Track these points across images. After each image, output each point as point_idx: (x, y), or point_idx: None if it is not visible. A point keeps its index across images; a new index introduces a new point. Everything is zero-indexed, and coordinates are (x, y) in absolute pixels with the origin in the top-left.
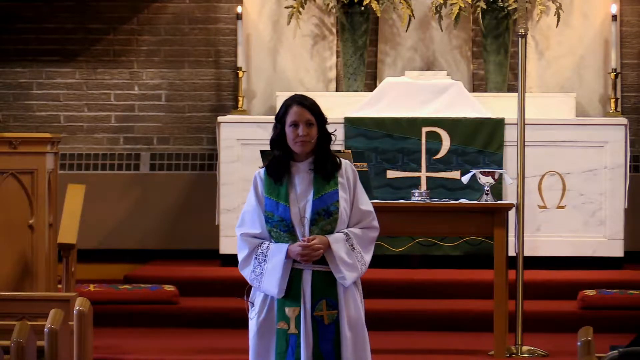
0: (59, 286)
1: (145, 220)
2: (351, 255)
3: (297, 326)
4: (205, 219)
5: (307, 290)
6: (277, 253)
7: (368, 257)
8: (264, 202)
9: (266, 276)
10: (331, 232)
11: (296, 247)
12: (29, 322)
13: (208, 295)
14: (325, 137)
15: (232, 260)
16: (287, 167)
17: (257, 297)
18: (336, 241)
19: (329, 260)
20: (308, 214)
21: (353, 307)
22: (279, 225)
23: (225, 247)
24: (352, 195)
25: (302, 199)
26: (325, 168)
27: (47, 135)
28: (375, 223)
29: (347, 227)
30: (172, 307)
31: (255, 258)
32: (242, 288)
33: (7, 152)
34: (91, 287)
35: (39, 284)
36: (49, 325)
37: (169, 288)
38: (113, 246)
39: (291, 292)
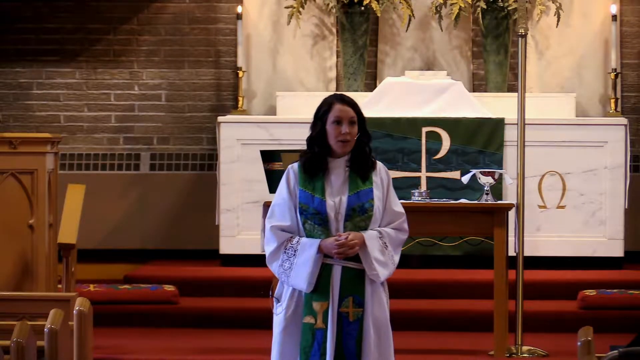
0: (59, 286)
1: (145, 220)
2: (384, 253)
3: (325, 321)
4: (205, 219)
5: (336, 285)
6: (308, 248)
7: (397, 258)
8: (298, 194)
9: (295, 270)
10: (365, 229)
11: (331, 243)
12: (29, 322)
13: (208, 295)
14: (365, 136)
15: (232, 260)
16: (325, 164)
17: (284, 293)
18: (370, 238)
19: (362, 257)
20: (343, 210)
21: (379, 307)
22: (314, 218)
23: (225, 247)
24: (386, 195)
25: (337, 194)
26: (361, 167)
27: (47, 135)
28: (406, 225)
29: (379, 226)
30: (172, 307)
31: (285, 252)
32: (242, 288)
33: (7, 152)
34: (91, 287)
35: (39, 284)
36: (49, 325)
37: (169, 288)
38: (113, 246)
39: (320, 287)
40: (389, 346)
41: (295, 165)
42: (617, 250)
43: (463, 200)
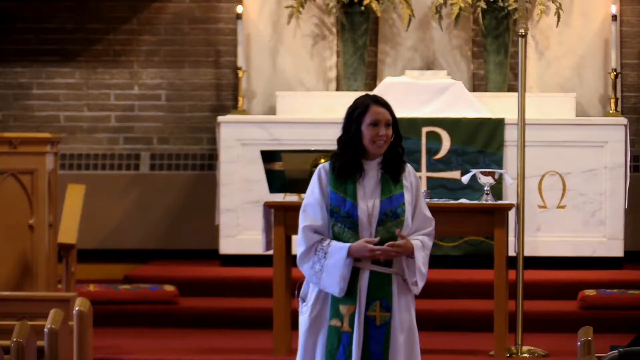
0: (59, 286)
1: (145, 220)
2: (425, 266)
3: (351, 324)
4: (205, 219)
5: (363, 289)
6: (338, 250)
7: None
8: (329, 195)
9: (326, 273)
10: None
11: (360, 245)
12: (29, 322)
13: (208, 295)
14: (397, 138)
15: (232, 260)
16: (360, 167)
17: (310, 293)
18: (417, 249)
19: (407, 267)
20: (376, 214)
21: (406, 311)
22: (345, 221)
23: (225, 247)
24: (415, 199)
25: (370, 198)
26: (394, 169)
27: (47, 135)
28: (433, 230)
29: (409, 230)
30: (172, 307)
31: (315, 254)
32: (242, 288)
33: (7, 152)
34: (91, 287)
35: (39, 284)
36: (49, 325)
37: (169, 288)
38: (113, 246)
39: (347, 290)
40: (416, 350)
41: (327, 164)
42: (617, 250)
43: (463, 200)
